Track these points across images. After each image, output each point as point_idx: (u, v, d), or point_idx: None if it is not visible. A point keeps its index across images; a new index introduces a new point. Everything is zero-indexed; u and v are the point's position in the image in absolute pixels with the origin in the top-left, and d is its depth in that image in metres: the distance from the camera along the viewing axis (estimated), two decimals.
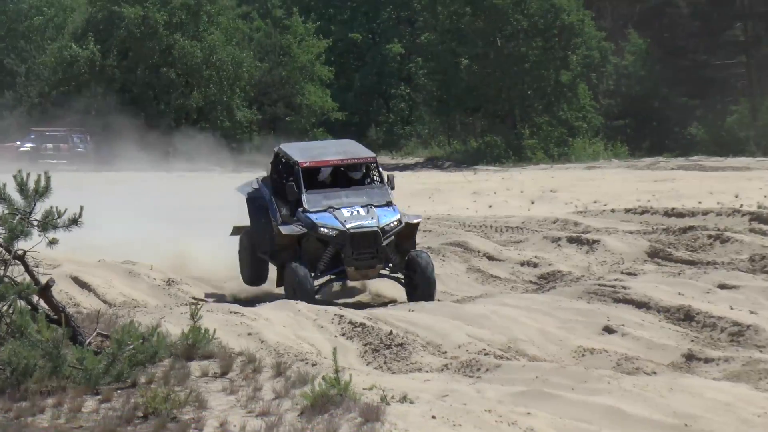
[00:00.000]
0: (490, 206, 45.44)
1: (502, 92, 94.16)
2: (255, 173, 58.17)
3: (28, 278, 17.55)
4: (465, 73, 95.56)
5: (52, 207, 17.40)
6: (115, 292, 26.81)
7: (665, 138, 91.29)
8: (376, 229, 24.85)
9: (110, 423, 14.69)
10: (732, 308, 23.84)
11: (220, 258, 30.13)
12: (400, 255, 26.03)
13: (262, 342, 20.12)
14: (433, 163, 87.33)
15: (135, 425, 14.59)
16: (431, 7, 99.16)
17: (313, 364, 17.51)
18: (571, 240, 34.83)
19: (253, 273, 28.43)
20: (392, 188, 26.68)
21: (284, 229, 25.49)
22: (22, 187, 17.23)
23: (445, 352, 20.73)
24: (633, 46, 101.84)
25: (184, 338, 17.67)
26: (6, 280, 17.40)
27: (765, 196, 43.72)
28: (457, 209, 43.72)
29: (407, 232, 25.96)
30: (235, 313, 22.03)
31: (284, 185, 26.63)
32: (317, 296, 25.64)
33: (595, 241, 34.38)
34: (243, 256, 28.86)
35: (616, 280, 27.86)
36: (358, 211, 25.19)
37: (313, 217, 25.14)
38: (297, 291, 24.76)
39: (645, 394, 16.63)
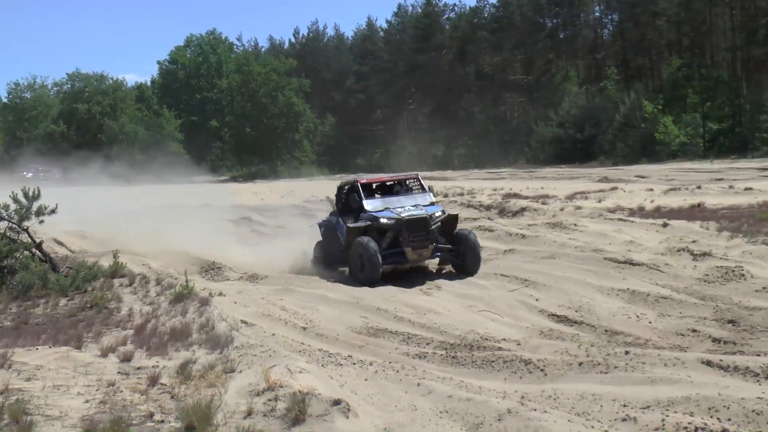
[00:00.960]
0: (262, 199, 45.07)
1: (267, 144, 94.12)
2: (140, 186, 55.95)
3: (30, 240, 17.58)
4: (249, 135, 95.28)
5: (41, 204, 17.78)
6: (76, 245, 25.95)
7: (346, 165, 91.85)
8: (425, 215, 18.53)
9: (73, 310, 14.57)
10: None
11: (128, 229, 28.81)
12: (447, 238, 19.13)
13: (150, 268, 19.61)
14: (234, 179, 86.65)
15: (86, 311, 14.34)
16: (231, 103, 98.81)
17: (175, 278, 17.15)
18: (302, 215, 34.59)
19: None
20: (433, 195, 20.52)
21: (351, 224, 18.98)
22: (26, 195, 18.06)
23: (241, 271, 20.48)
24: (329, 121, 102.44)
25: (110, 267, 17.61)
26: (18, 241, 18.02)
27: None
28: (249, 201, 43.19)
29: (450, 221, 19.13)
30: (136, 254, 21.48)
31: (347, 203, 20.36)
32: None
33: (312, 215, 34.22)
34: (316, 259, 20.81)
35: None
36: (408, 208, 18.83)
37: (374, 213, 18.83)
38: (366, 262, 17.80)
39: (338, 287, 16.65)
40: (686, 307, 14.30)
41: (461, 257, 18.56)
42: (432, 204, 19.39)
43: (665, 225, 22.87)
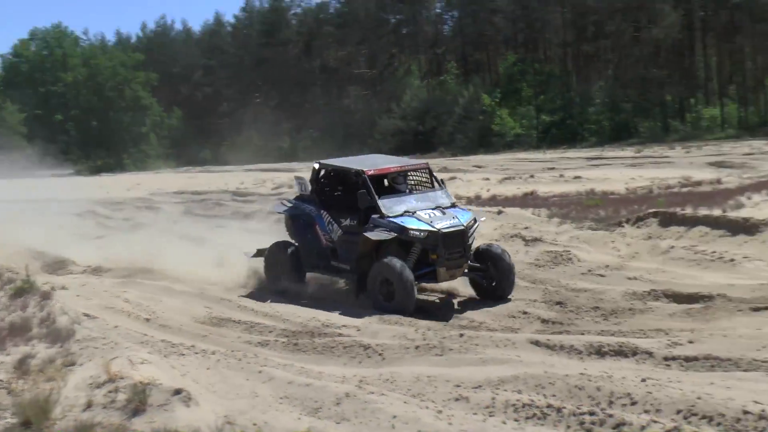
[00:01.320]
0: (108, 193, 43.77)
1: (113, 138, 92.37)
2: (21, 180, 52.55)
3: None
4: (95, 129, 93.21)
5: None
6: None
7: (193, 158, 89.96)
8: (463, 227, 14.14)
9: None
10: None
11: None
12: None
13: None
14: (79, 173, 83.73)
15: None
16: (77, 97, 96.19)
17: (16, 274, 16.46)
18: (147, 208, 33.79)
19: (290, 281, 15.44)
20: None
21: (372, 235, 14.13)
22: None
23: (86, 265, 19.77)
24: (176, 114, 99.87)
25: None
26: None
27: (241, 183, 43.67)
28: (94, 194, 41.75)
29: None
30: None
31: (338, 198, 15.77)
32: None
33: (158, 207, 33.55)
34: (274, 268, 15.75)
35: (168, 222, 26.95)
36: (434, 214, 14.25)
37: (398, 220, 14.09)
38: (398, 289, 13.45)
39: (182, 278, 16.40)
40: (518, 290, 14.68)
41: (490, 279, 14.55)
42: (454, 206, 15.04)
43: (500, 212, 23.45)
